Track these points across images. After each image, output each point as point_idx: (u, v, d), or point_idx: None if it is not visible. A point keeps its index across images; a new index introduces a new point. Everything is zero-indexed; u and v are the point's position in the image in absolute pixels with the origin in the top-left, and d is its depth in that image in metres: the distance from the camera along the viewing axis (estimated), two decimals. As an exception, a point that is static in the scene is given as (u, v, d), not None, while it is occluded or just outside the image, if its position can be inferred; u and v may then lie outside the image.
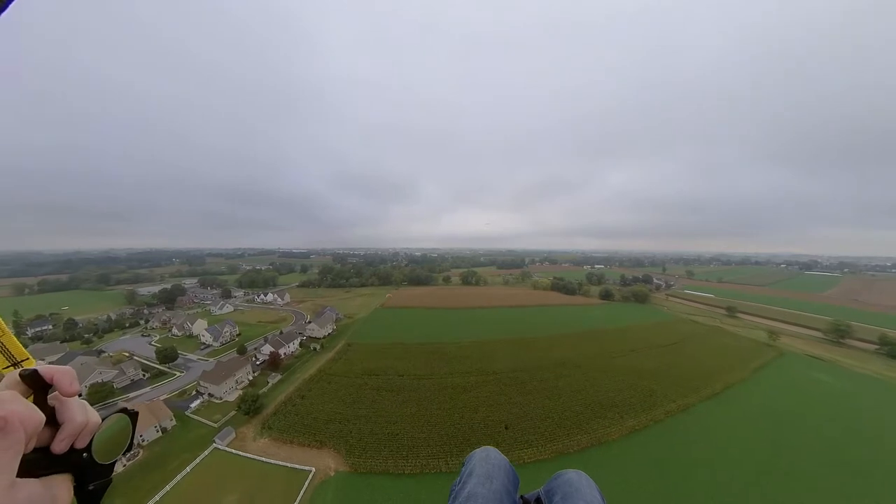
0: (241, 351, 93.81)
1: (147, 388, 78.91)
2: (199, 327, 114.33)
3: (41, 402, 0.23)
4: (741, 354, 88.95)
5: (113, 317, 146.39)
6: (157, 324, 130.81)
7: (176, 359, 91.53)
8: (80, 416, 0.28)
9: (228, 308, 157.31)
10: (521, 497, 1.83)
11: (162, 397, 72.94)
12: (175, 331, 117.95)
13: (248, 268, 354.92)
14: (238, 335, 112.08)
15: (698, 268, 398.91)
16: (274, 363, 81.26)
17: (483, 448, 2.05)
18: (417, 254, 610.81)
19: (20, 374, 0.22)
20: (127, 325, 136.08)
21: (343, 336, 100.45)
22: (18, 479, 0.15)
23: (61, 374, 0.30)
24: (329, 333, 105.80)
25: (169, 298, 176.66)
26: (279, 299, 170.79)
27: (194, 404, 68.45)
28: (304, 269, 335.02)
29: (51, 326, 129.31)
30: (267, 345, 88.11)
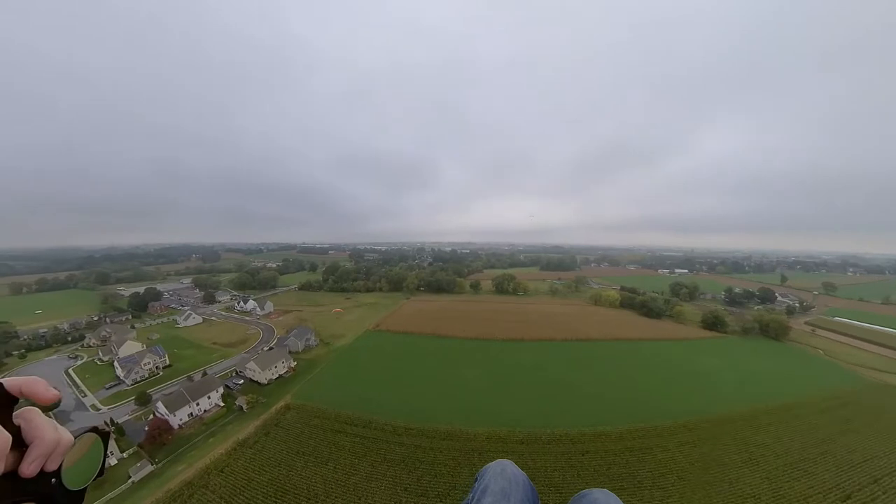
0: (143, 400, 68.20)
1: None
2: (126, 351, 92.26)
3: (5, 420, 0.24)
4: None
5: (65, 327, 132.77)
6: (95, 341, 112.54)
7: (54, 407, 68.21)
8: (51, 433, 0.27)
9: (196, 319, 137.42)
10: None
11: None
12: (101, 354, 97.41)
13: (257, 265, 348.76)
14: (165, 367, 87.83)
15: (835, 277, 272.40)
16: (155, 439, 53.21)
17: (498, 461, 1.94)
18: (447, 249, 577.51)
19: None
20: (69, 339, 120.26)
21: (294, 385, 70.87)
22: None
23: (31, 383, 0.31)
24: (281, 375, 76.90)
25: (141, 304, 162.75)
26: (258, 309, 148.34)
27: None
28: (312, 268, 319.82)
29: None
30: (160, 402, 60.29)
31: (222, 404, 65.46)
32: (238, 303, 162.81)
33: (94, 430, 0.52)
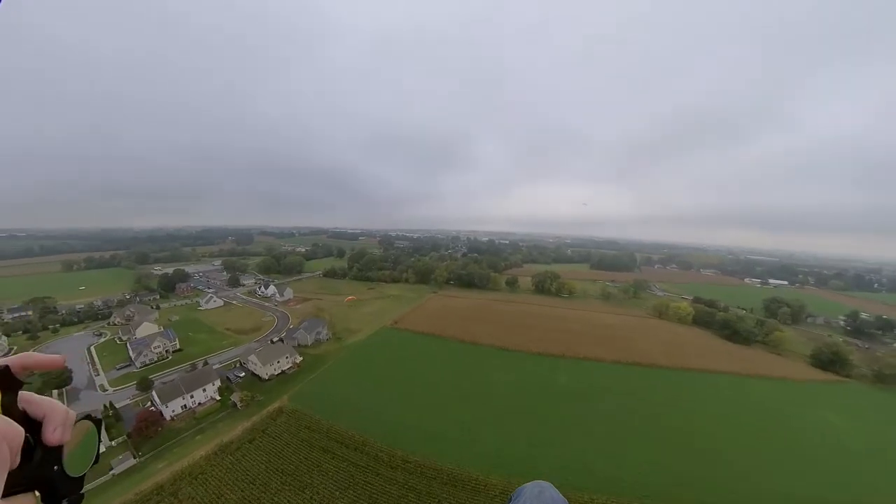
0: (144, 385, 69.56)
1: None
2: (143, 332, 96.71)
3: (12, 402, 0.30)
4: None
5: (98, 304, 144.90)
6: (119, 319, 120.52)
7: (66, 384, 72.04)
8: (59, 405, 0.33)
9: (217, 302, 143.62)
10: None
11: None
12: (121, 334, 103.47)
13: (287, 248, 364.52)
14: (175, 351, 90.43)
15: None
16: (143, 431, 52.77)
17: (535, 482, 1.78)
18: (483, 239, 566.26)
19: None
20: (99, 315, 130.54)
21: (295, 383, 68.51)
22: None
23: (37, 358, 0.38)
24: (283, 371, 75.21)
25: (169, 284, 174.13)
26: (278, 295, 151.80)
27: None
28: (340, 254, 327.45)
29: (30, 313, 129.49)
30: (154, 392, 60.26)
31: (218, 398, 64.69)
32: (260, 287, 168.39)
33: (88, 417, 0.57)
